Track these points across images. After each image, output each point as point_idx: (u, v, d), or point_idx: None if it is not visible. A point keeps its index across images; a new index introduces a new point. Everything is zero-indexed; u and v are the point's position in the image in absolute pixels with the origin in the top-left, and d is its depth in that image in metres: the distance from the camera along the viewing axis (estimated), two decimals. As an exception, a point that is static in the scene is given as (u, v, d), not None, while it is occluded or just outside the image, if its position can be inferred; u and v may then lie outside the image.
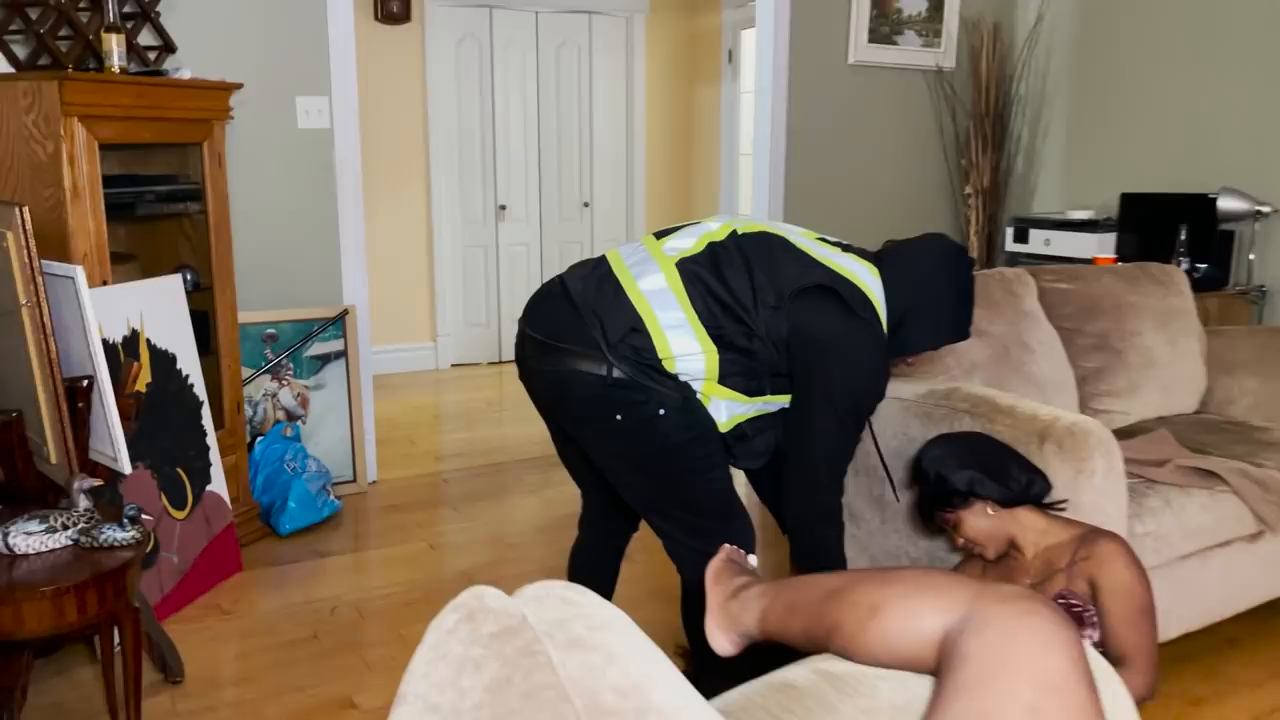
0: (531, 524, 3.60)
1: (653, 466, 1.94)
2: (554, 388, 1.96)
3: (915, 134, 4.95)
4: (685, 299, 1.88)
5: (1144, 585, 2.05)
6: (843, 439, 1.98)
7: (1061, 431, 2.20)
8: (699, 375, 1.90)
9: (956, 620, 1.10)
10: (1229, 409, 3.19)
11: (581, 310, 1.91)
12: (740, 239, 1.95)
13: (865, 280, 1.94)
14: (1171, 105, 4.33)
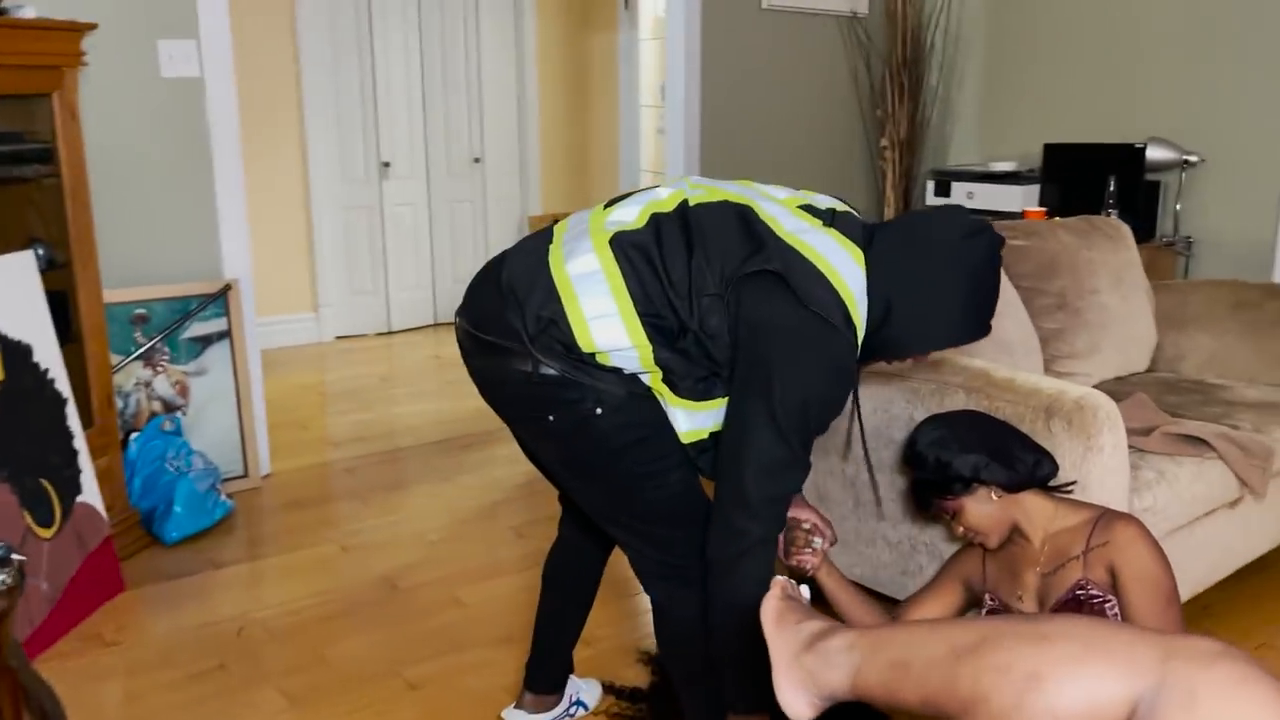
0: (453, 516, 3.27)
1: (596, 472, 1.67)
2: (486, 387, 1.70)
3: (830, 83, 4.75)
4: (619, 283, 1.57)
5: (1168, 571, 1.89)
6: (784, 455, 1.59)
7: (1070, 406, 2.02)
8: (637, 369, 1.61)
9: (1147, 689, 0.87)
10: (1180, 366, 3.11)
11: (505, 296, 1.61)
12: (690, 210, 1.63)
13: (838, 266, 1.59)
14: (1092, 54, 4.23)
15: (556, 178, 6.32)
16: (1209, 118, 3.87)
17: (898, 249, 1.63)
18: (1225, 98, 3.84)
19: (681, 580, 1.70)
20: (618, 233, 1.62)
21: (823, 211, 1.69)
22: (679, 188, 1.70)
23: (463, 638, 2.52)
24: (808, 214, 1.67)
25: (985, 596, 2.07)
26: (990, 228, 1.66)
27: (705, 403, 1.64)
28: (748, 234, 1.60)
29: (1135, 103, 4.08)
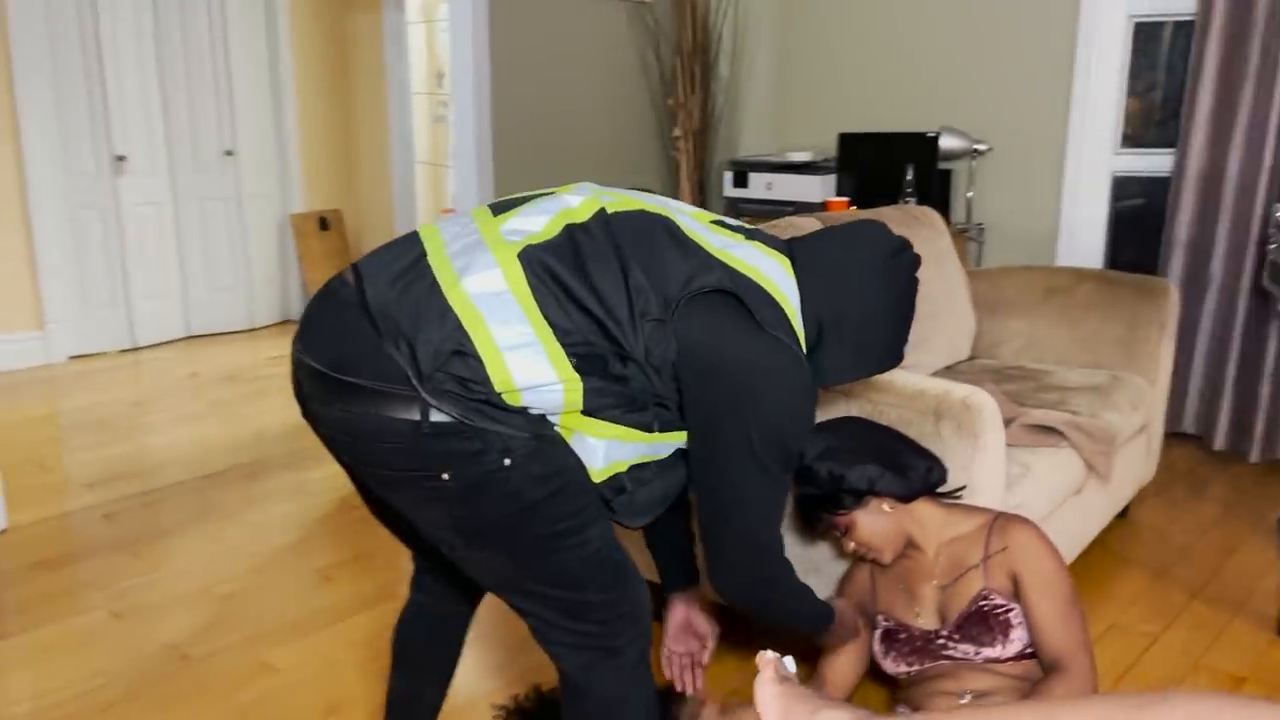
0: (244, 562, 2.84)
1: (502, 536, 1.36)
2: (347, 438, 1.34)
3: (621, 72, 4.57)
4: (533, 305, 1.30)
5: (1066, 573, 1.83)
6: (773, 492, 1.49)
7: (958, 406, 1.92)
8: (556, 409, 1.35)
9: None
10: (998, 352, 3.15)
11: (380, 325, 1.28)
12: (611, 220, 1.39)
13: (777, 281, 1.43)
14: (881, 44, 4.28)
15: (320, 172, 5.81)
16: (996, 107, 3.99)
17: (824, 267, 1.48)
18: (1010, 88, 3.96)
19: (604, 651, 1.44)
20: (527, 244, 1.33)
21: (734, 226, 1.51)
22: (588, 194, 1.44)
23: (281, 711, 2.15)
24: (723, 229, 1.48)
25: (878, 618, 1.94)
26: (910, 245, 1.54)
27: (635, 437, 1.40)
28: (680, 250, 1.37)
29: (926, 92, 4.15)
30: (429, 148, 5.62)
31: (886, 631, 1.92)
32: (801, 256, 1.50)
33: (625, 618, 1.45)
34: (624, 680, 1.47)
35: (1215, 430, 3.60)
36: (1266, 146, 3.37)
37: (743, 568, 1.51)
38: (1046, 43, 3.85)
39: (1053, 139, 3.88)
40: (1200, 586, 2.68)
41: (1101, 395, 2.67)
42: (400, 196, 5.64)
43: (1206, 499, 3.28)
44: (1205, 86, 3.46)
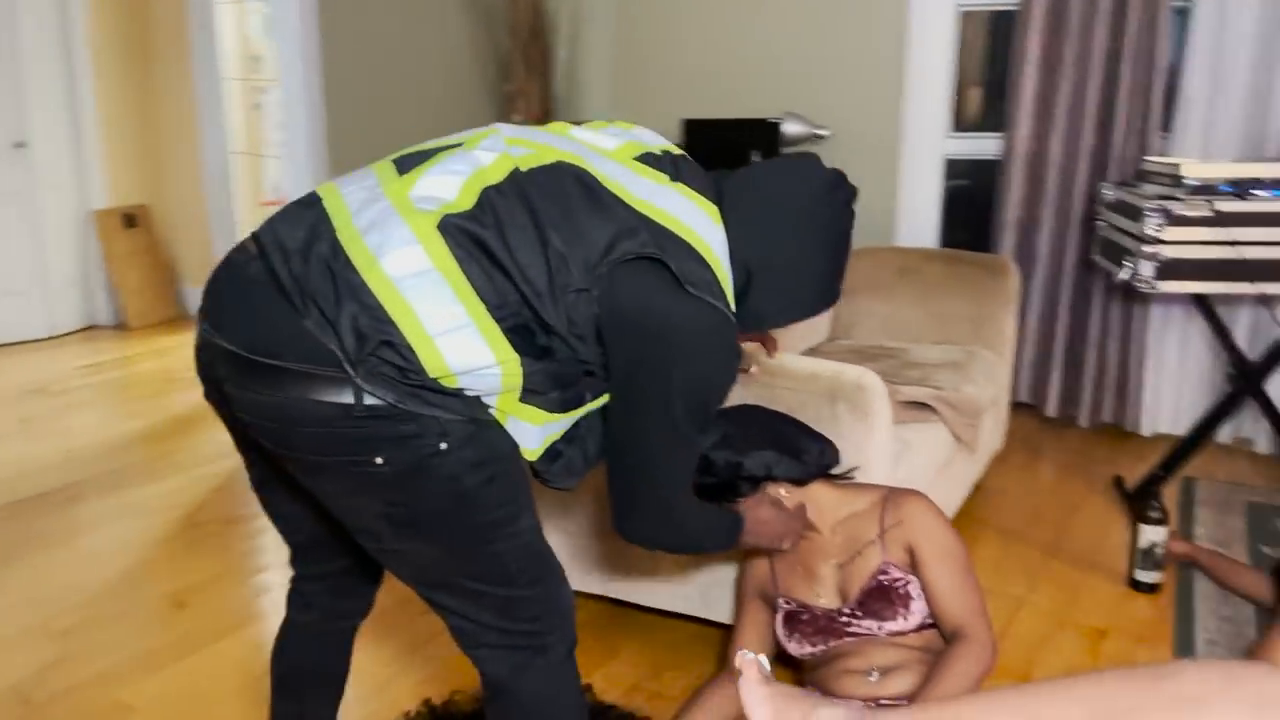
0: (79, 593, 2.58)
1: (435, 526, 1.30)
2: (270, 423, 1.25)
3: (458, 57, 4.43)
4: (463, 282, 1.23)
5: (959, 541, 1.89)
6: (688, 452, 1.46)
7: (851, 388, 1.94)
8: (494, 390, 1.29)
9: None
10: (855, 332, 3.23)
11: (297, 302, 1.21)
12: (524, 179, 1.31)
13: (700, 231, 1.37)
14: (723, 31, 4.30)
15: (124, 165, 5.38)
16: (835, 94, 4.08)
17: (754, 209, 1.43)
18: (848, 75, 4.07)
19: (532, 649, 1.38)
20: (444, 215, 1.24)
21: (661, 158, 1.43)
22: (499, 149, 1.34)
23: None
24: (648, 166, 1.40)
25: (779, 601, 1.94)
26: (845, 179, 1.50)
27: (570, 411, 1.35)
28: (598, 209, 1.30)
29: (768, 79, 4.21)
30: (245, 136, 5.29)
31: (789, 614, 1.92)
32: (730, 198, 1.44)
33: (554, 613, 1.40)
34: (554, 679, 1.41)
35: (1047, 398, 3.82)
36: (1085, 130, 3.58)
37: (651, 522, 1.49)
38: (880, 31, 3.97)
39: (888, 124, 4.01)
40: (1054, 546, 2.83)
41: (960, 370, 2.77)
42: (214, 189, 5.29)
43: (1045, 463, 3.48)
44: (1028, 74, 3.65)
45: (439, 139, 1.42)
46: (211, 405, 1.36)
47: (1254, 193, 2.61)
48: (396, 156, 1.37)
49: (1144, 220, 2.65)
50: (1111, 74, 3.53)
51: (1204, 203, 2.60)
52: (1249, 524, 2.94)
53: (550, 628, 1.39)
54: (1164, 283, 2.67)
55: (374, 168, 1.37)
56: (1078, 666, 2.26)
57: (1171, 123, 3.48)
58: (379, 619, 2.44)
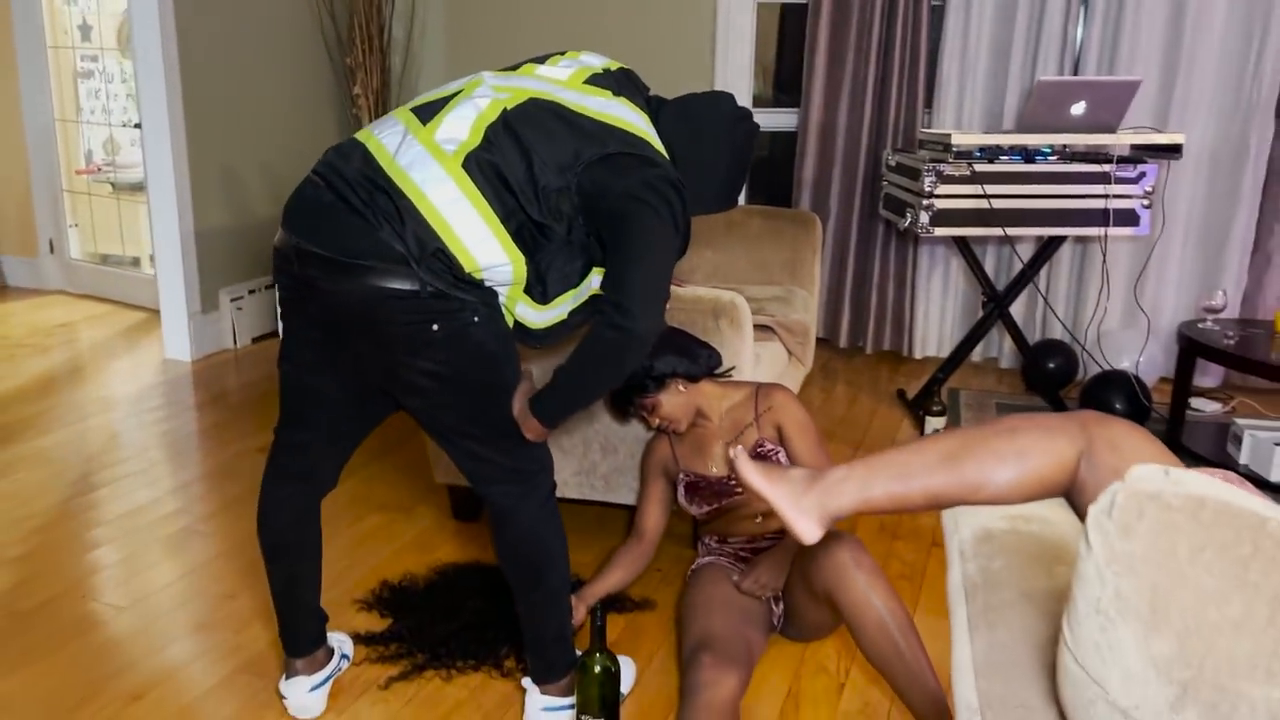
0: (16, 528, 2.78)
1: (469, 380, 1.79)
2: (356, 307, 1.69)
3: (299, 32, 4.66)
4: (483, 204, 1.71)
5: (811, 419, 2.48)
6: (670, 252, 1.83)
7: (729, 307, 2.50)
8: (506, 281, 1.78)
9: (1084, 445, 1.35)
10: (694, 278, 3.81)
11: (375, 222, 1.67)
12: (511, 116, 1.79)
13: (645, 129, 1.86)
14: (549, 15, 4.76)
15: (-69, 132, 5.23)
16: (657, 71, 4.63)
17: (680, 126, 1.92)
18: (667, 53, 4.63)
19: (526, 482, 1.89)
20: (465, 154, 1.71)
21: (603, 76, 1.91)
22: (490, 96, 1.79)
23: (152, 641, 2.27)
24: (596, 86, 1.87)
25: (680, 475, 2.48)
26: (750, 114, 2.02)
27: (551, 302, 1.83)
28: (569, 128, 1.77)
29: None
30: (68, 103, 5.25)
31: (689, 484, 2.47)
32: (665, 112, 1.93)
33: (542, 457, 1.92)
34: (545, 508, 1.93)
35: (839, 331, 4.56)
36: (866, 106, 4.31)
37: (653, 303, 1.77)
38: (693, 20, 4.55)
39: (702, 99, 4.61)
40: (860, 441, 3.52)
41: (785, 303, 3.40)
42: (38, 157, 5.25)
43: (841, 383, 4.21)
44: (819, 58, 4.34)
45: (440, 90, 1.86)
46: (285, 300, 1.80)
47: (1001, 157, 3.37)
48: (413, 106, 1.81)
49: (921, 179, 3.36)
50: (886, 60, 4.27)
51: (965, 164, 3.33)
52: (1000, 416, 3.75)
53: (541, 468, 1.91)
54: (937, 228, 3.39)
55: (398, 115, 1.81)
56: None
57: (933, 100, 4.26)
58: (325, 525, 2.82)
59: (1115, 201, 3.38)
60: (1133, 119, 3.96)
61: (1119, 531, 0.86)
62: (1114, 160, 3.34)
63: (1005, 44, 4.13)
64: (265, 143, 4.53)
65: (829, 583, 2.07)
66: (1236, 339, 3.30)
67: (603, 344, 1.75)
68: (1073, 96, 3.24)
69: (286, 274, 1.76)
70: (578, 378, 1.80)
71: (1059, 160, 3.37)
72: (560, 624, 1.99)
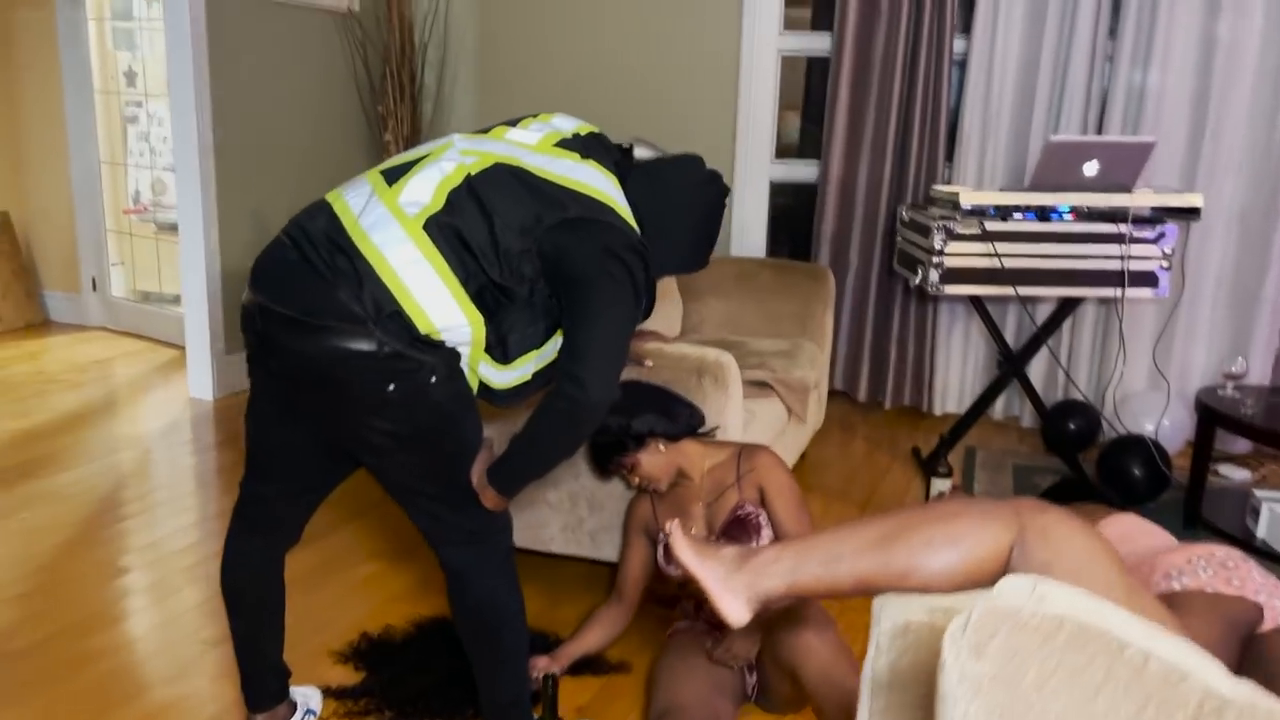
0: (22, 565, 2.84)
1: (426, 440, 1.79)
2: (315, 366, 1.71)
3: (332, 80, 4.78)
4: (443, 265, 1.72)
5: (795, 483, 2.45)
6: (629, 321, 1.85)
7: (714, 365, 2.49)
8: (466, 341, 1.78)
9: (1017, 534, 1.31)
10: (703, 328, 3.80)
11: (333, 282, 1.69)
12: (475, 180, 1.80)
13: (613, 195, 1.86)
14: (578, 61, 4.82)
15: (-15, 172, 5.44)
16: (680, 122, 4.67)
17: (648, 190, 1.93)
18: (691, 106, 4.66)
19: (483, 543, 1.89)
20: (426, 217, 1.73)
21: (572, 140, 1.92)
22: (456, 160, 1.81)
23: (130, 686, 2.30)
24: (564, 149, 1.88)
25: (660, 535, 2.46)
26: (720, 177, 2.04)
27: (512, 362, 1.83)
28: (532, 192, 1.78)
29: (620, 107, 4.75)
30: (115, 147, 5.43)
31: (668, 545, 2.44)
32: (634, 176, 1.93)
33: (498, 518, 1.90)
34: (501, 569, 1.91)
35: (859, 386, 4.51)
36: (887, 160, 4.29)
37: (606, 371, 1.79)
38: (717, 70, 4.58)
39: (724, 150, 4.63)
40: (866, 501, 3.47)
41: (789, 357, 3.38)
42: (83, 197, 5.42)
43: (857, 439, 4.15)
44: (840, 111, 4.33)
45: (409, 153, 1.89)
46: (251, 356, 1.82)
47: (1014, 215, 3.33)
48: (383, 168, 1.84)
49: (932, 236, 3.33)
50: (907, 114, 4.25)
51: (976, 222, 3.29)
52: (1015, 480, 3.67)
53: (497, 529, 1.91)
54: (947, 286, 3.35)
55: (367, 177, 1.84)
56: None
57: (954, 155, 4.23)
58: (313, 572, 2.84)
59: (1133, 263, 3.31)
60: (1159, 178, 3.89)
61: (971, 651, 0.83)
62: (1130, 220, 3.27)
63: (1028, 99, 4.09)
64: (295, 187, 4.62)
65: (793, 659, 2.03)
66: (1257, 408, 3.20)
67: (554, 413, 1.76)
68: (1085, 156, 3.19)
69: (251, 331, 1.79)
70: (531, 448, 1.81)
71: (1075, 220, 3.31)
72: (517, 689, 1.98)
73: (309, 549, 2.95)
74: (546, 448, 1.81)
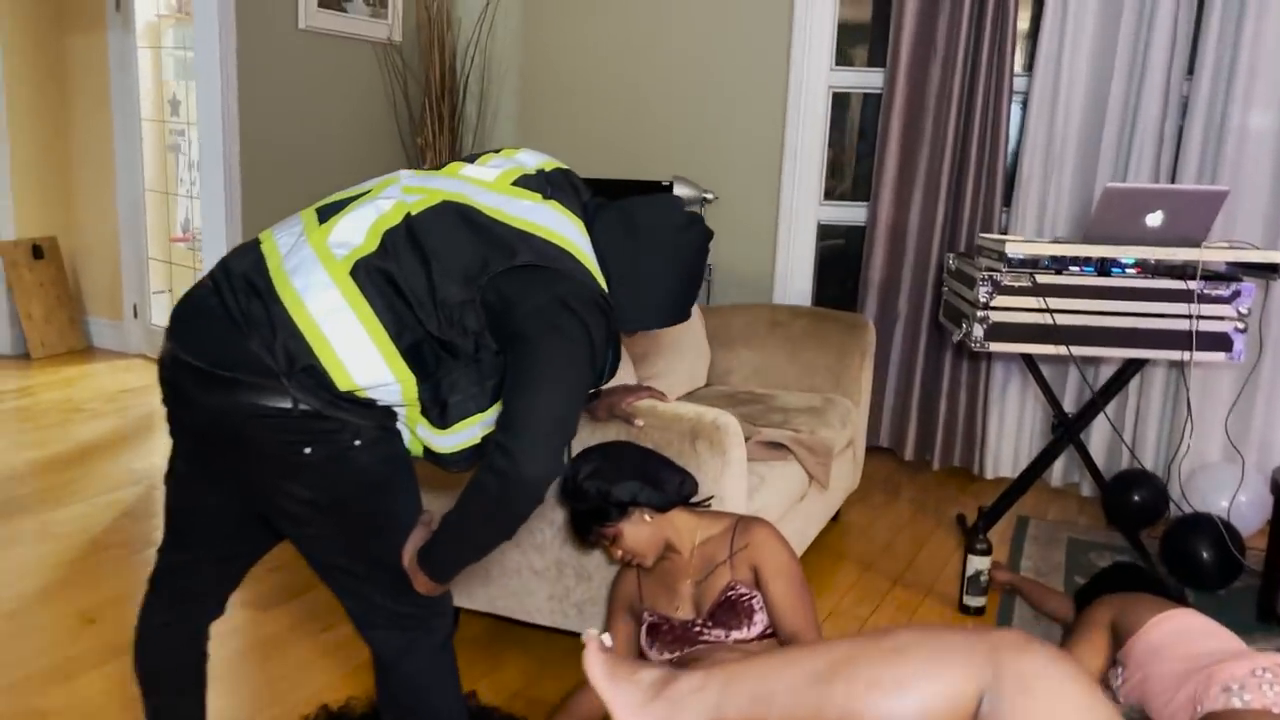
0: (-8, 609, 2.73)
1: (347, 510, 1.58)
2: (223, 423, 1.52)
3: (370, 110, 4.68)
4: (369, 315, 1.51)
5: (797, 563, 2.18)
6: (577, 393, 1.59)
7: (710, 428, 2.25)
8: (397, 402, 1.57)
9: (989, 679, 1.05)
10: (731, 379, 3.56)
11: (244, 330, 1.50)
12: (415, 220, 1.58)
13: (574, 239, 1.63)
14: (619, 98, 4.65)
15: (33, 198, 5.47)
16: (722, 162, 4.46)
17: (619, 234, 1.70)
18: (734, 145, 4.44)
19: (416, 631, 1.66)
20: (354, 260, 1.53)
21: (534, 177, 1.70)
22: (396, 197, 1.61)
23: (62, 754, 2.14)
24: (523, 189, 1.67)
25: (644, 614, 2.22)
26: (702, 220, 1.80)
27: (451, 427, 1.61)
28: (475, 233, 1.57)
29: (661, 144, 4.56)
30: (159, 174, 5.43)
31: (651, 625, 2.20)
32: (602, 218, 1.71)
33: (433, 602, 1.67)
34: (434, 660, 1.68)
35: (905, 443, 4.20)
36: (939, 204, 4.01)
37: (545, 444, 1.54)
38: (763, 105, 4.36)
39: (769, 191, 4.39)
40: (899, 575, 3.17)
41: (818, 415, 3.11)
42: (128, 224, 5.42)
43: (900, 501, 3.85)
44: (890, 150, 4.07)
45: (351, 188, 1.70)
46: (166, 408, 1.62)
47: (1070, 268, 3.03)
48: (319, 205, 1.65)
49: (976, 288, 3.04)
50: (962, 155, 3.97)
51: (1026, 275, 3.00)
52: (1068, 557, 3.34)
53: (431, 614, 1.67)
54: (992, 343, 3.06)
55: (301, 215, 1.65)
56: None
57: (1012, 199, 3.93)
58: (278, 636, 2.66)
59: (1204, 323, 2.98)
60: (1239, 231, 3.54)
61: None
62: (1200, 276, 2.95)
63: (1094, 142, 3.78)
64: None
65: None
66: (1343, 490, 2.83)
67: (483, 492, 1.52)
68: (1148, 206, 2.88)
69: (163, 382, 1.61)
70: (461, 529, 1.57)
71: (1139, 275, 3.00)
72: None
73: (279, 610, 2.78)
74: (477, 529, 1.58)
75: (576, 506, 2.13)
